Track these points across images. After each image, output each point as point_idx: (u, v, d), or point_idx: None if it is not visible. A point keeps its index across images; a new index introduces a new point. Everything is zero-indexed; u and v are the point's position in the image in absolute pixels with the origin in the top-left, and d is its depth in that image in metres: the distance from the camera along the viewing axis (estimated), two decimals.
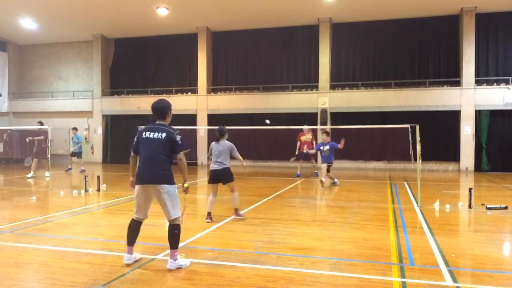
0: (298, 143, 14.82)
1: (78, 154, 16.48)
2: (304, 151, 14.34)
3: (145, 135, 4.74)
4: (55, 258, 5.04)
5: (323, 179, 11.85)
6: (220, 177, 7.26)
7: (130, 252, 4.79)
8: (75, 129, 16.80)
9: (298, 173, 15.07)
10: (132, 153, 4.92)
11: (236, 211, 7.45)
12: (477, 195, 10.33)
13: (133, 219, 4.85)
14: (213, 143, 7.35)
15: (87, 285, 4.14)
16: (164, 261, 4.93)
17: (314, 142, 14.65)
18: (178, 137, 4.71)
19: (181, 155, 4.74)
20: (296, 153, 14.88)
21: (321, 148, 12.23)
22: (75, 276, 4.43)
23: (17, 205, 9.10)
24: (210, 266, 4.73)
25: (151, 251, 5.33)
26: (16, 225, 6.83)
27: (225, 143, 7.26)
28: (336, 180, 12.58)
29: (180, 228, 4.73)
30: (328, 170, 12.17)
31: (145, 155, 4.71)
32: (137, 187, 4.75)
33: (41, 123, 15.17)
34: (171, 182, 4.67)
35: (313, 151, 13.39)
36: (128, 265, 4.72)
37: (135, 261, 4.83)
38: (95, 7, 18.58)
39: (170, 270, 4.58)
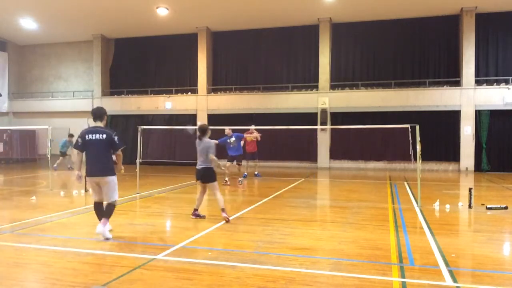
0: (242, 142, 13.71)
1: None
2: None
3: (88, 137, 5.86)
4: (55, 258, 5.04)
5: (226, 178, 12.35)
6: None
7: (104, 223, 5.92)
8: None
9: (245, 173, 14.42)
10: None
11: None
12: (477, 195, 10.31)
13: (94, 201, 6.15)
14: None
15: (87, 285, 4.14)
16: (164, 261, 4.94)
17: (258, 137, 14.00)
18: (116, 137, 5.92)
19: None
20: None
21: (228, 141, 12.51)
22: (75, 276, 4.43)
23: (17, 205, 9.10)
24: (210, 266, 4.73)
25: (151, 251, 5.33)
26: (16, 225, 6.83)
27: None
28: (245, 173, 13.24)
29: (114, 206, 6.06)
30: (240, 163, 12.78)
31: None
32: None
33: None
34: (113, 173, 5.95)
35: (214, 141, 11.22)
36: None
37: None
38: (95, 7, 18.58)
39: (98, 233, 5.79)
